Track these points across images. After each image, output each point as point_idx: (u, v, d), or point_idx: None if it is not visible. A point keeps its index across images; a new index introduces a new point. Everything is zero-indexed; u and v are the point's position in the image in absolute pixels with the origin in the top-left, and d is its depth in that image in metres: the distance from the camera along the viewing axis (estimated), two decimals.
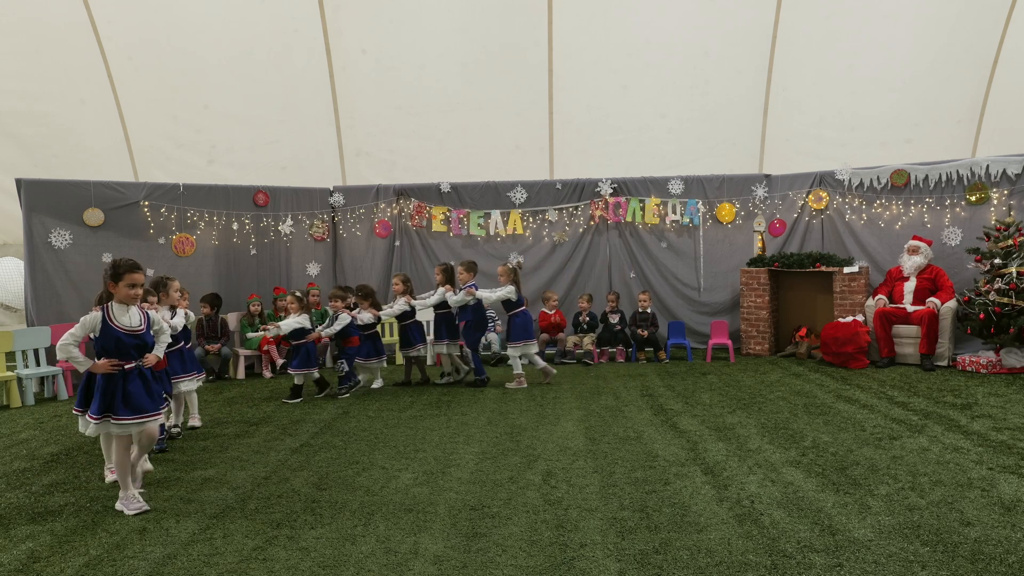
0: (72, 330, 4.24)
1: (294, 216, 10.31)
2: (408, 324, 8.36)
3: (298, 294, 7.87)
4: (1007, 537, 3.56)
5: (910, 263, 8.76)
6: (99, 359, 4.30)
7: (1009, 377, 7.67)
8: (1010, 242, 8.13)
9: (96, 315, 4.24)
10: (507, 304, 8.12)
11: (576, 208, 10.46)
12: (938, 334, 8.39)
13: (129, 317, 4.33)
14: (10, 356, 8.23)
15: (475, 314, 8.09)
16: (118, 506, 4.29)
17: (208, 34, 10.28)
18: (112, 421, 4.25)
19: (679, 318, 10.20)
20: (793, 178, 10.08)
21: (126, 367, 4.29)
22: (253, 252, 10.05)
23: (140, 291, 4.37)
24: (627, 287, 10.36)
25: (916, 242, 8.85)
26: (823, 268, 9.16)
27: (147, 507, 4.27)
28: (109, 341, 4.25)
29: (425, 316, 8.73)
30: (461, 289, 8.03)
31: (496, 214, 10.44)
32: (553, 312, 9.70)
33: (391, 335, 9.94)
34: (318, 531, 3.89)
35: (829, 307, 9.36)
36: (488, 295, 8.07)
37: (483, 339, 9.54)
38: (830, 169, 9.90)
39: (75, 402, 4.44)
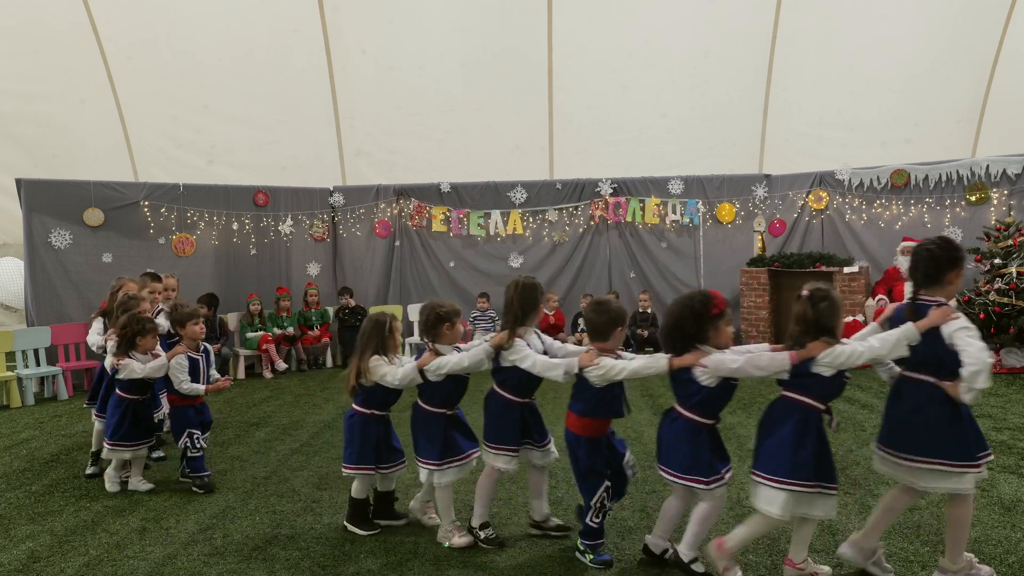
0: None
1: (294, 216, 10.30)
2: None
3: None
4: (1007, 537, 3.56)
5: (906, 263, 8.74)
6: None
7: (1009, 377, 7.67)
8: (1010, 242, 8.13)
9: None
10: None
11: (576, 208, 10.45)
12: None
13: None
14: (10, 356, 8.22)
15: None
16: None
17: (208, 34, 10.27)
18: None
19: None
20: (793, 178, 10.08)
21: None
22: (253, 252, 10.04)
23: None
24: (627, 287, 10.36)
25: (908, 243, 8.86)
26: (823, 268, 9.15)
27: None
28: None
29: None
30: None
31: (496, 214, 10.44)
32: (553, 312, 9.69)
33: None
34: (318, 531, 3.89)
35: None
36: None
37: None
38: (830, 169, 9.89)
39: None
